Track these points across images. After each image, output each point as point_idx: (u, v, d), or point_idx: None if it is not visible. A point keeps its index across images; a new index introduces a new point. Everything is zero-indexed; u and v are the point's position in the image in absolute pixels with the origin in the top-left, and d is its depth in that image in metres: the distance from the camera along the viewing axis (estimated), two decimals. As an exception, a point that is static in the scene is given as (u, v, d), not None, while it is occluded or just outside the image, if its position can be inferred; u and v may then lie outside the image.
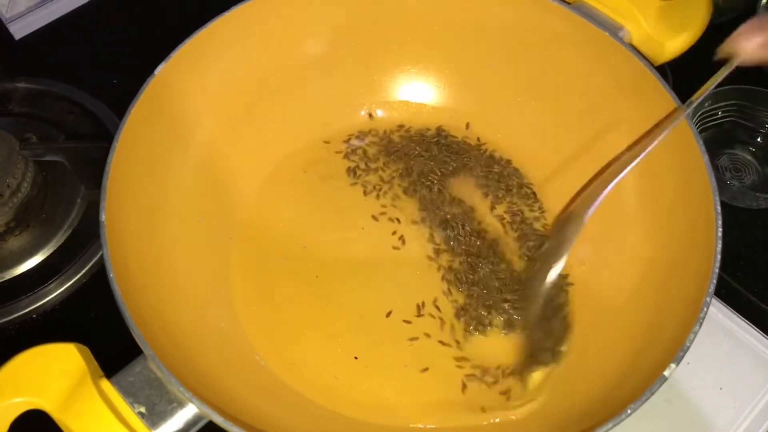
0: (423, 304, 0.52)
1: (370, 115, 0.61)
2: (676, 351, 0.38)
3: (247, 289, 0.52)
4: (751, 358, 0.51)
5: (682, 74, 0.58)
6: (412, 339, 0.50)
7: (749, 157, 0.62)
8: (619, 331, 0.47)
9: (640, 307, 0.47)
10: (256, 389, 0.46)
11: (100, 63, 0.70)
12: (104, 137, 0.61)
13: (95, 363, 0.39)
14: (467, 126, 0.60)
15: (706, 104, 0.61)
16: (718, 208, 0.43)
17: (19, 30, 0.72)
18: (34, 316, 0.54)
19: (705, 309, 0.39)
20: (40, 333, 0.53)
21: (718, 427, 0.48)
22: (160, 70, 0.49)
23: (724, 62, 0.45)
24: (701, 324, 0.39)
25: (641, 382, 0.38)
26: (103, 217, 0.42)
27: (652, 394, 0.37)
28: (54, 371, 0.38)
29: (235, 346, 0.49)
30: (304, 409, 0.47)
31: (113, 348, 0.38)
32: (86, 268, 0.56)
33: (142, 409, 0.38)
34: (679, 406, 0.49)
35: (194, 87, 0.53)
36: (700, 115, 0.60)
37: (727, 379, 0.50)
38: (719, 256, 0.41)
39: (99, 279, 0.55)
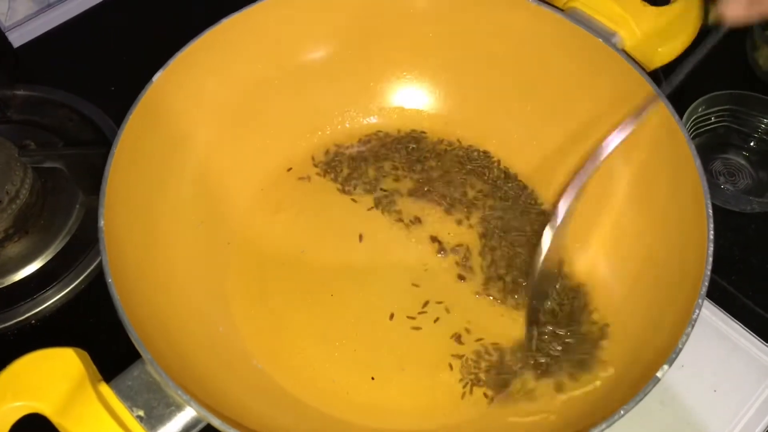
0: (426, 303, 0.52)
1: (366, 122, 0.62)
2: (669, 352, 0.39)
3: (244, 294, 0.52)
4: (745, 361, 0.51)
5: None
6: (410, 343, 0.50)
7: (743, 162, 0.63)
8: (611, 333, 0.48)
9: (633, 308, 0.47)
10: (254, 393, 0.47)
11: (98, 70, 0.70)
12: (102, 144, 0.62)
13: (94, 367, 0.40)
14: (460, 138, 0.61)
15: (700, 109, 0.61)
16: (710, 211, 0.43)
17: (17, 38, 0.72)
18: (33, 321, 0.54)
19: (697, 311, 0.40)
20: (39, 338, 0.53)
21: (712, 429, 0.49)
22: (157, 77, 0.49)
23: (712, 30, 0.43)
24: (693, 326, 0.39)
25: (634, 384, 0.39)
26: (101, 222, 0.43)
27: (645, 395, 0.37)
28: (53, 375, 0.38)
29: (232, 350, 0.49)
30: (302, 412, 0.47)
31: (112, 352, 0.39)
32: (85, 274, 0.56)
33: (141, 413, 0.38)
34: (674, 409, 0.49)
35: (192, 94, 0.53)
36: (693, 120, 0.61)
37: (721, 381, 0.50)
38: (711, 259, 0.42)
39: (97, 284, 0.56)
